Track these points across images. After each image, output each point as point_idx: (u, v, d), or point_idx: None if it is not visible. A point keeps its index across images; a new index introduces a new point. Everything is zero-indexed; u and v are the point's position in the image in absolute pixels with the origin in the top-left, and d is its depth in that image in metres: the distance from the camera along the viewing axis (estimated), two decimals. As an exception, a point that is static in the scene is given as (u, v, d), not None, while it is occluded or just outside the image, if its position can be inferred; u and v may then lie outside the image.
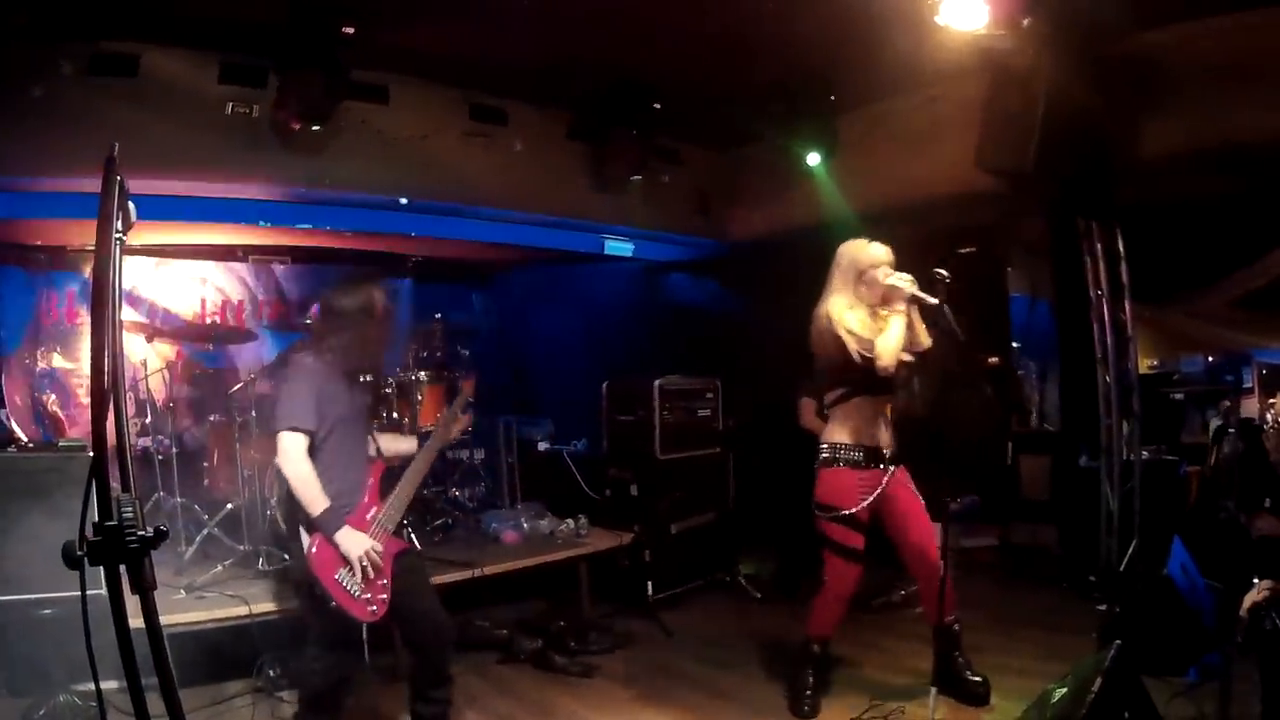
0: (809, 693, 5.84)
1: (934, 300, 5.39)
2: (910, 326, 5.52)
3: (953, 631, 5.77)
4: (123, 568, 2.21)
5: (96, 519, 2.21)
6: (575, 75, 8.52)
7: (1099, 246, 7.64)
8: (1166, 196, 7.98)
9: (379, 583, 4.95)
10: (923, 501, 5.76)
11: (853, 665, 6.52)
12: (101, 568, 2.20)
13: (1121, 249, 7.68)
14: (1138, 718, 4.08)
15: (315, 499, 4.80)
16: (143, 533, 2.22)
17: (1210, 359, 9.97)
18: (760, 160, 10.28)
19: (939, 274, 5.34)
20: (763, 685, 6.42)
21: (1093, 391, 7.95)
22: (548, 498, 9.10)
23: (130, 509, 2.21)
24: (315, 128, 7.53)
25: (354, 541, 4.83)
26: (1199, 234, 8.31)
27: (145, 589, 2.22)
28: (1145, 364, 9.05)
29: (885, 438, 5.73)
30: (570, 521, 8.49)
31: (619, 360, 9.78)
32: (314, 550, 4.80)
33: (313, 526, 4.83)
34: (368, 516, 5.03)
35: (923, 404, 6.69)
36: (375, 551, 4.88)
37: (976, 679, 5.73)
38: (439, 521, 8.53)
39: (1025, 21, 6.24)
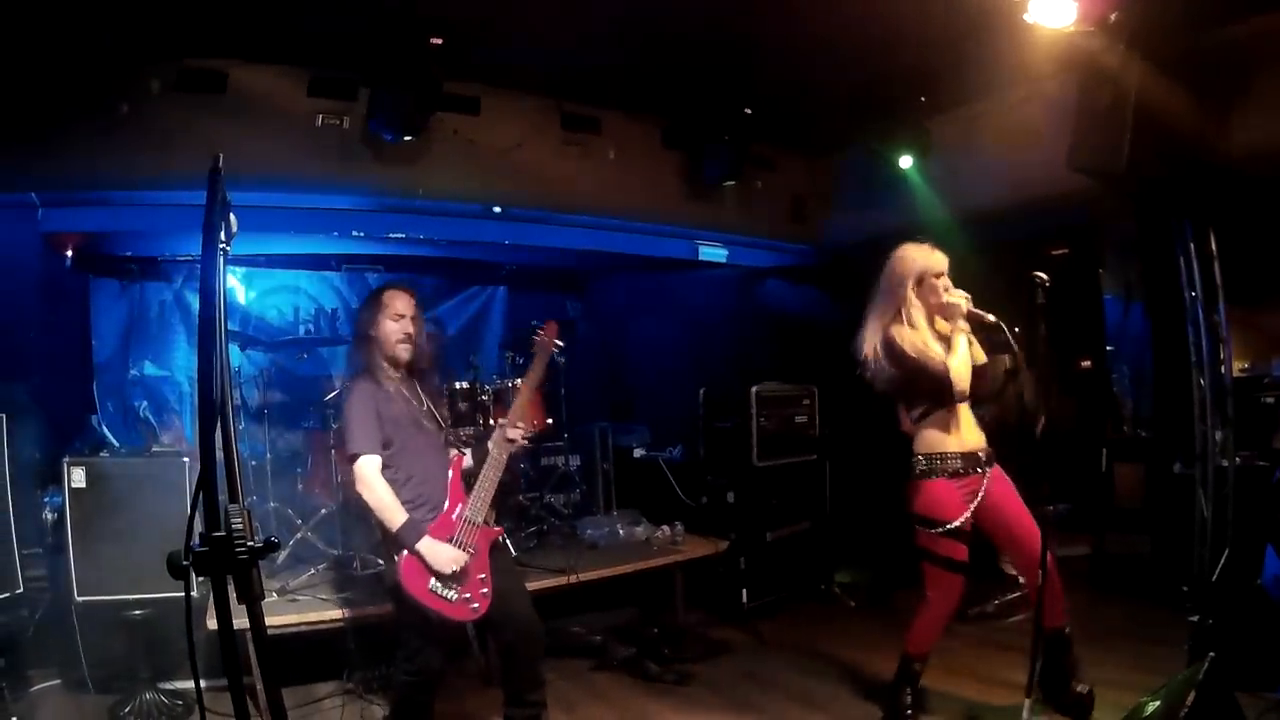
0: (907, 710, 5.66)
1: (991, 318, 5.32)
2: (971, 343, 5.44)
3: (1064, 636, 5.55)
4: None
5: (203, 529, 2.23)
6: (667, 82, 8.48)
7: (1192, 247, 7.49)
8: (1260, 193, 7.81)
9: (477, 577, 4.98)
10: (1019, 498, 5.57)
11: (948, 679, 6.30)
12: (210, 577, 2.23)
13: (1215, 249, 7.53)
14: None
15: (393, 517, 4.87)
16: (251, 543, 2.23)
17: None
18: (854, 165, 10.18)
19: (1039, 278, 5.19)
20: (857, 697, 6.33)
21: (1187, 396, 7.78)
22: (643, 505, 9.04)
23: (239, 519, 2.22)
24: (407, 138, 7.58)
25: (435, 552, 4.86)
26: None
27: (252, 599, 2.23)
28: (1237, 367, 8.84)
29: (978, 439, 5.55)
30: (665, 528, 8.42)
31: (715, 367, 9.72)
32: (402, 566, 4.84)
33: (399, 542, 4.87)
34: (454, 516, 5.04)
35: (1017, 412, 6.61)
36: (460, 559, 4.90)
37: (1082, 689, 5.51)
38: (534, 528, 8.49)
39: (1113, 16, 6.13)
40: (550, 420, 8.61)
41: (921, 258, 5.51)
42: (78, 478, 5.86)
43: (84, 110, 6.74)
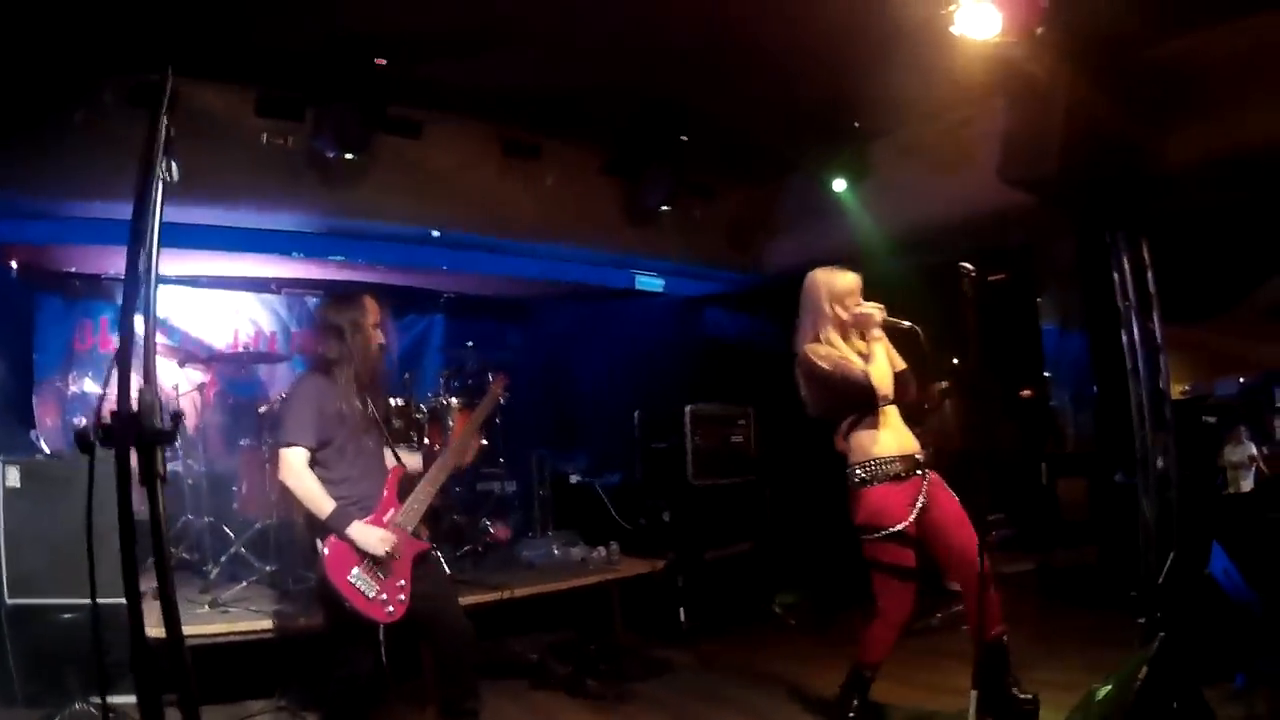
0: (852, 716, 5.62)
1: (906, 324, 5.45)
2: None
3: (1000, 645, 5.53)
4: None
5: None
6: (607, 110, 8.54)
7: (1125, 258, 7.60)
8: (1194, 207, 7.95)
9: (397, 583, 4.92)
10: (960, 505, 5.58)
11: (894, 689, 6.14)
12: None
13: (1148, 259, 7.64)
14: (1186, 708, 3.99)
15: (321, 504, 4.82)
16: (159, 424, 2.20)
17: (1242, 380, 9.88)
18: (793, 192, 10.29)
19: (964, 268, 5.27)
20: (802, 711, 6.28)
21: (1126, 408, 7.88)
22: (580, 528, 9.04)
23: (150, 399, 2.19)
24: (350, 157, 7.57)
25: (365, 534, 4.82)
26: (1227, 247, 8.28)
27: (154, 477, 2.20)
28: (1178, 389, 8.96)
29: (913, 443, 5.59)
30: (602, 549, 8.41)
31: (655, 394, 9.73)
32: (326, 553, 4.80)
33: (325, 531, 4.83)
34: (385, 518, 5.01)
35: (957, 432, 6.65)
36: (389, 539, 4.87)
37: (1025, 697, 5.50)
38: (469, 548, 8.47)
39: (1039, 30, 6.22)
40: (485, 442, 8.57)
41: (830, 278, 5.66)
42: (12, 478, 5.80)
43: (36, 119, 6.71)
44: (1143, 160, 6.90)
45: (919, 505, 5.40)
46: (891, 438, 5.51)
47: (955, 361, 5.73)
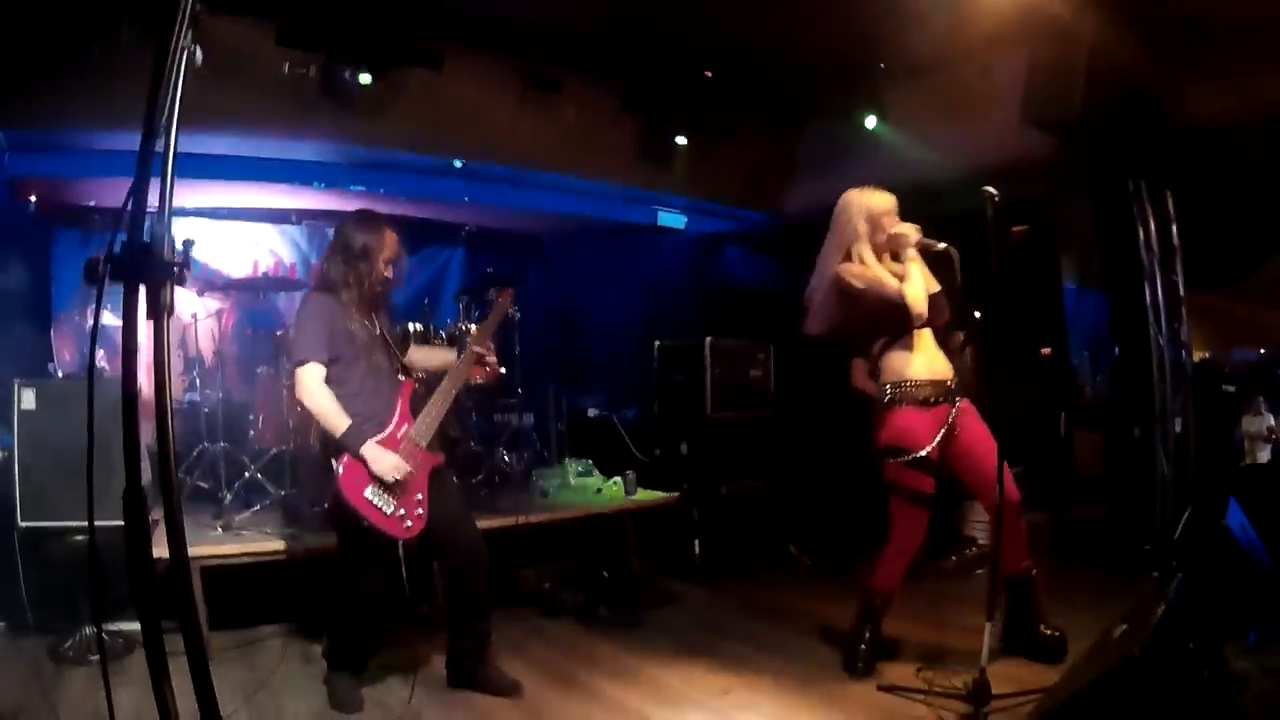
0: (864, 648, 5.56)
1: (941, 246, 5.31)
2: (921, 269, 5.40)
3: (1028, 579, 5.54)
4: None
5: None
6: (628, 45, 8.53)
7: (1149, 209, 7.56)
8: (1213, 166, 7.87)
9: (414, 498, 4.96)
10: (990, 435, 5.49)
11: (907, 626, 6.13)
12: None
13: (1173, 212, 7.59)
14: (1201, 649, 3.98)
15: (336, 422, 4.83)
16: (170, 258, 2.21)
17: (1263, 351, 9.84)
18: (813, 135, 10.29)
19: (988, 191, 5.11)
20: (815, 643, 6.24)
21: (1145, 365, 7.84)
22: (596, 460, 9.00)
23: (163, 233, 2.20)
24: (368, 81, 7.59)
25: (379, 457, 4.83)
26: (1247, 210, 8.19)
27: (161, 312, 2.20)
28: (1196, 356, 8.90)
29: (945, 368, 5.48)
30: (618, 479, 8.37)
31: (672, 331, 9.68)
32: (341, 471, 4.81)
33: (340, 449, 4.84)
34: (399, 434, 5.02)
35: (974, 385, 6.64)
36: (402, 468, 4.88)
37: (1051, 633, 5.50)
38: (484, 476, 8.48)
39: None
40: (504, 370, 8.59)
41: (867, 197, 5.50)
42: (28, 400, 5.80)
43: (55, 52, 6.70)
44: (1165, 111, 6.87)
45: (944, 432, 5.32)
46: (924, 361, 5.41)
47: (977, 315, 5.61)
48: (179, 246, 2.26)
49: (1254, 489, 6.21)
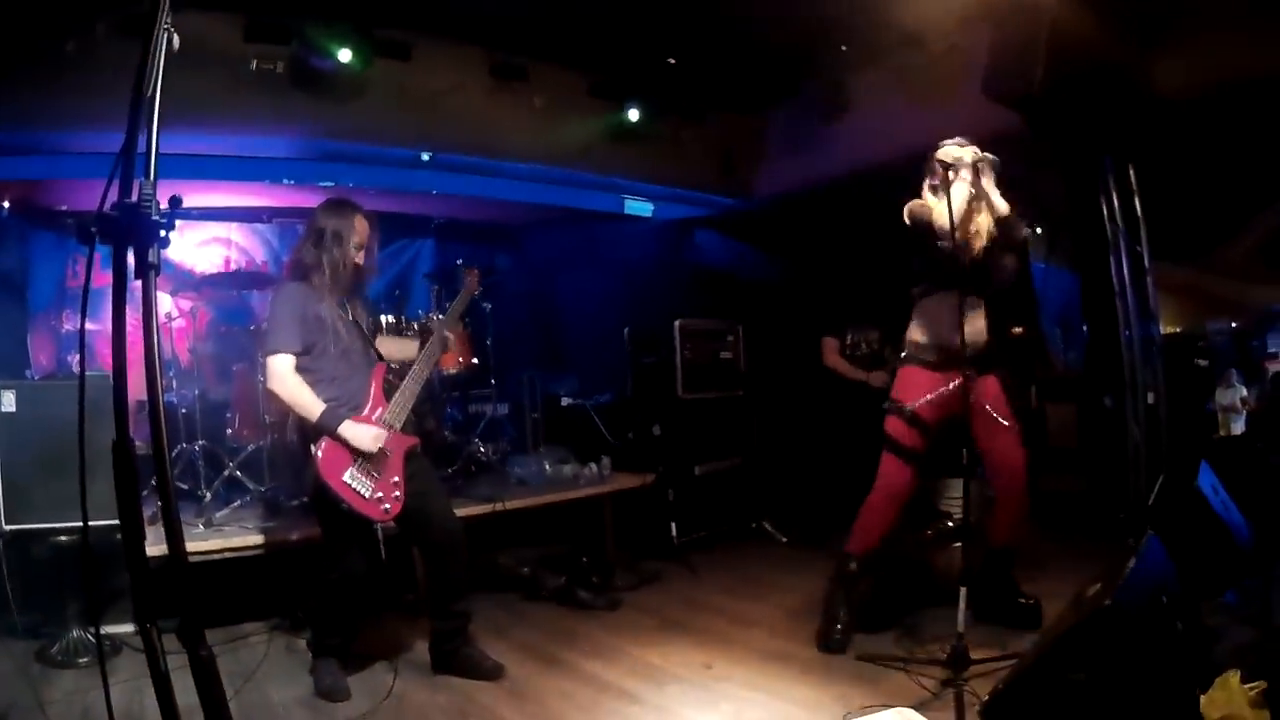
0: (839, 626, 5.59)
1: (993, 156, 5.30)
2: (982, 196, 5.34)
3: (1009, 554, 5.68)
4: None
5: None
6: (593, 32, 8.55)
7: (1112, 181, 7.62)
8: (1180, 137, 7.93)
9: (391, 480, 5.02)
10: (1014, 418, 5.60)
11: (883, 603, 6.18)
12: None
13: (1134, 183, 7.65)
14: (1174, 603, 4.03)
15: (310, 407, 4.90)
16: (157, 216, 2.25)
17: (1235, 325, 9.92)
18: (781, 118, 10.35)
19: (989, 158, 5.28)
20: (794, 615, 6.34)
21: (1115, 338, 7.91)
22: (572, 446, 9.02)
23: (150, 193, 2.24)
24: (338, 76, 7.65)
25: (359, 432, 4.91)
26: (1215, 182, 8.26)
27: (149, 269, 2.24)
28: (1169, 330, 8.97)
29: (971, 336, 5.21)
30: (593, 465, 8.44)
31: (644, 315, 9.72)
32: (320, 455, 4.86)
33: (318, 433, 4.89)
34: (374, 418, 5.08)
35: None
36: (381, 437, 4.97)
37: (1026, 601, 5.62)
38: (460, 467, 8.51)
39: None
40: (475, 360, 8.63)
41: (950, 152, 5.33)
42: (7, 401, 5.76)
43: (28, 51, 6.72)
44: (1129, 84, 6.90)
45: (942, 393, 5.43)
46: (947, 325, 5.27)
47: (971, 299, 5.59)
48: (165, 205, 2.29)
49: (1227, 458, 6.30)
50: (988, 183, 5.34)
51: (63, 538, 5.79)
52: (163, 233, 2.26)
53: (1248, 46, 6.60)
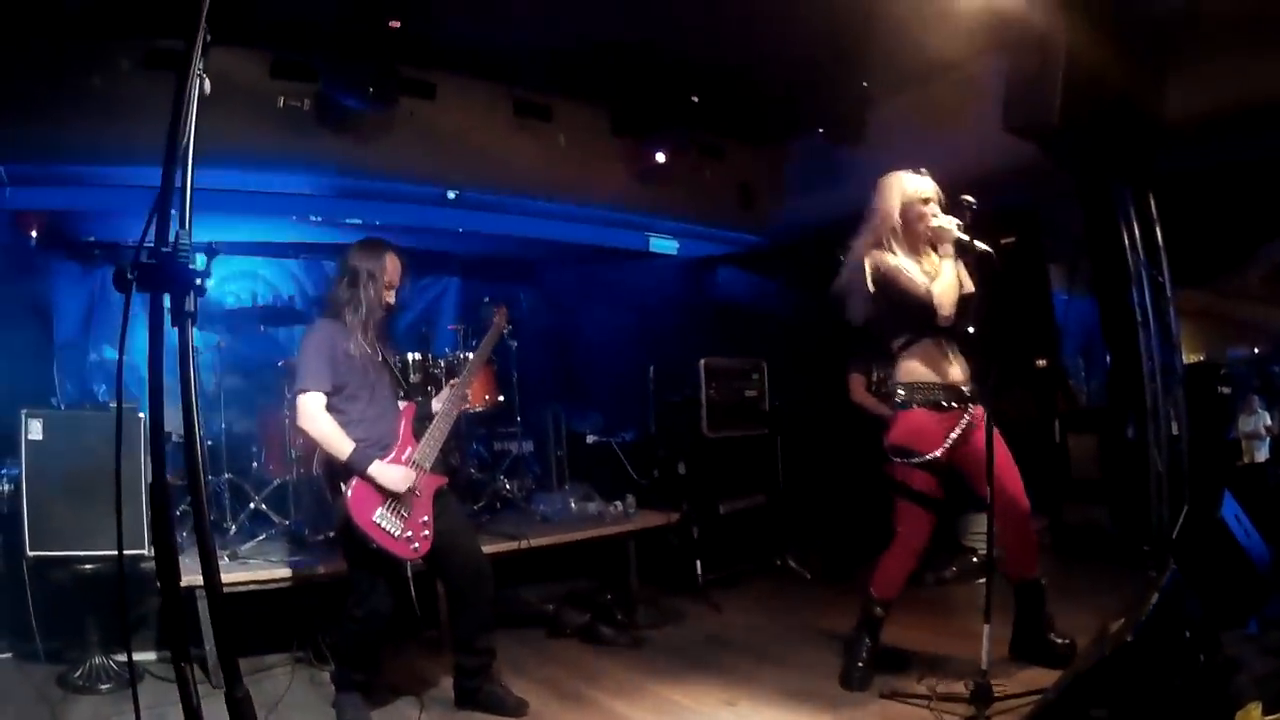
0: (861, 665, 5.53)
1: (981, 246, 5.10)
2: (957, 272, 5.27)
3: (1037, 587, 5.56)
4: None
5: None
6: (616, 70, 8.63)
7: (1132, 213, 7.61)
8: (1196, 162, 7.93)
9: (420, 519, 5.06)
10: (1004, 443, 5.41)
11: (905, 634, 6.14)
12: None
13: (1155, 212, 7.64)
14: (1197, 635, 4.02)
15: (341, 446, 4.93)
16: (192, 266, 2.29)
17: (1258, 350, 9.88)
18: (801, 153, 10.40)
19: (966, 201, 5.15)
20: (818, 653, 6.24)
21: (1138, 366, 7.89)
22: (596, 484, 9.04)
23: (186, 243, 2.27)
24: (364, 113, 7.72)
25: (389, 473, 4.95)
26: (1232, 206, 8.24)
27: (185, 318, 2.28)
28: (1191, 358, 8.94)
29: (961, 374, 5.39)
30: (618, 503, 8.43)
31: (668, 353, 9.75)
32: (350, 494, 4.89)
33: (348, 473, 4.93)
34: (403, 457, 5.12)
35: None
36: (411, 478, 5.01)
37: (1061, 640, 5.50)
38: (486, 503, 8.57)
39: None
40: (501, 398, 8.67)
41: (907, 181, 5.41)
42: (35, 430, 5.80)
43: (54, 84, 6.80)
44: (1145, 110, 6.91)
45: (954, 437, 5.28)
46: (942, 364, 5.36)
47: (970, 330, 5.56)
48: (201, 257, 2.33)
49: (1251, 487, 6.26)
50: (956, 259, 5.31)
51: (86, 566, 5.83)
52: (199, 281, 2.29)
53: (1262, 72, 6.63)
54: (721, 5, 7.36)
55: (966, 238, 5.14)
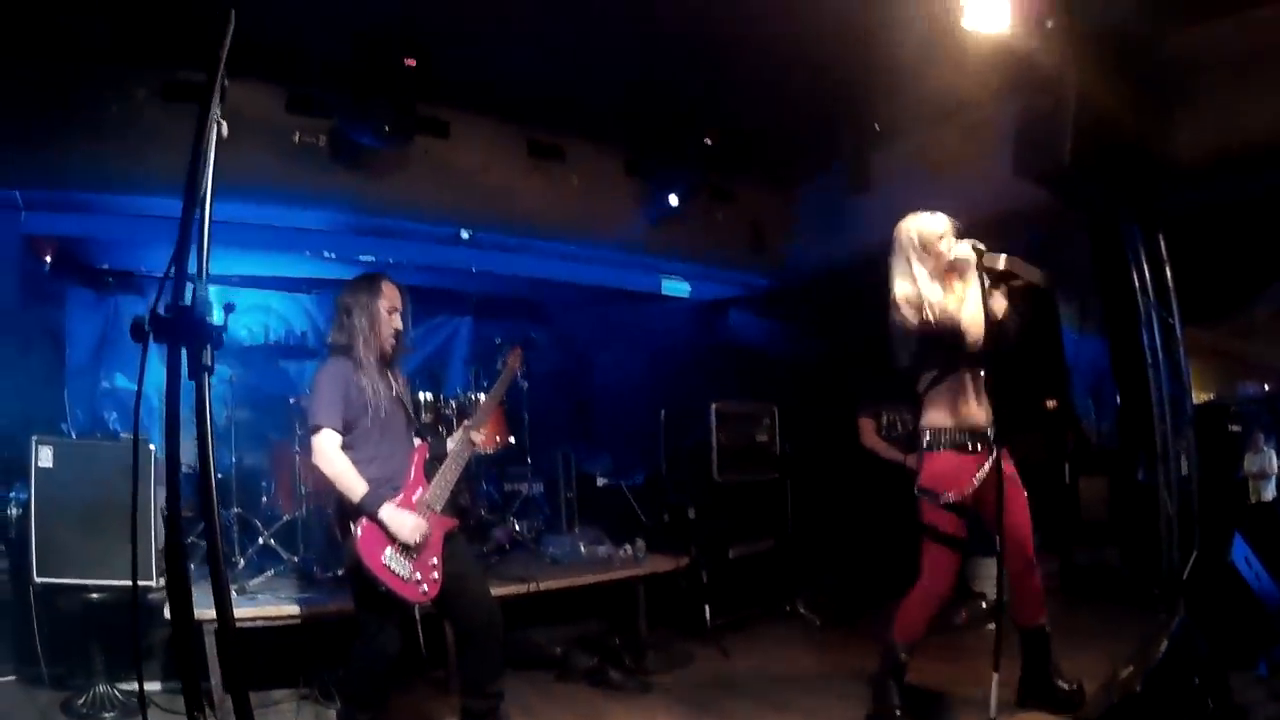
0: (898, 712, 5.48)
1: (1001, 265, 5.16)
2: (983, 296, 5.23)
3: (1042, 633, 5.48)
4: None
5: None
6: (629, 112, 8.68)
7: (1142, 253, 7.61)
8: (1204, 202, 7.94)
9: (429, 562, 5.00)
10: (1023, 489, 5.44)
11: (916, 677, 5.88)
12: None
13: (1165, 253, 7.64)
14: (1206, 684, 3.99)
15: (354, 487, 4.88)
16: (210, 320, 2.29)
17: (1268, 387, 9.85)
18: (812, 195, 10.45)
19: (975, 246, 5.15)
20: (826, 699, 6.21)
21: (1147, 407, 7.86)
22: (606, 527, 9.05)
23: (204, 294, 2.27)
24: (379, 151, 7.73)
25: (398, 520, 4.89)
26: (1241, 244, 8.25)
27: (202, 371, 2.28)
28: (1200, 397, 8.91)
29: (985, 416, 5.39)
30: (628, 546, 8.38)
31: (678, 395, 9.75)
32: (360, 534, 4.86)
33: (358, 513, 4.89)
34: (414, 498, 5.08)
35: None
36: (422, 528, 4.95)
37: (1068, 686, 5.42)
38: (495, 545, 8.50)
39: (1049, 23, 6.26)
40: (513, 439, 8.66)
41: (918, 222, 5.46)
42: (45, 457, 5.81)
43: (71, 111, 6.87)
44: (1153, 152, 6.92)
45: (980, 478, 5.23)
46: (967, 406, 5.37)
47: (982, 374, 5.56)
48: (219, 312, 2.34)
49: (1261, 526, 6.23)
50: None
51: (93, 595, 5.86)
52: (216, 336, 2.30)
53: (1269, 111, 6.65)
54: (734, 50, 7.39)
55: (988, 260, 5.17)
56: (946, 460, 5.35)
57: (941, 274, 5.38)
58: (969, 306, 5.19)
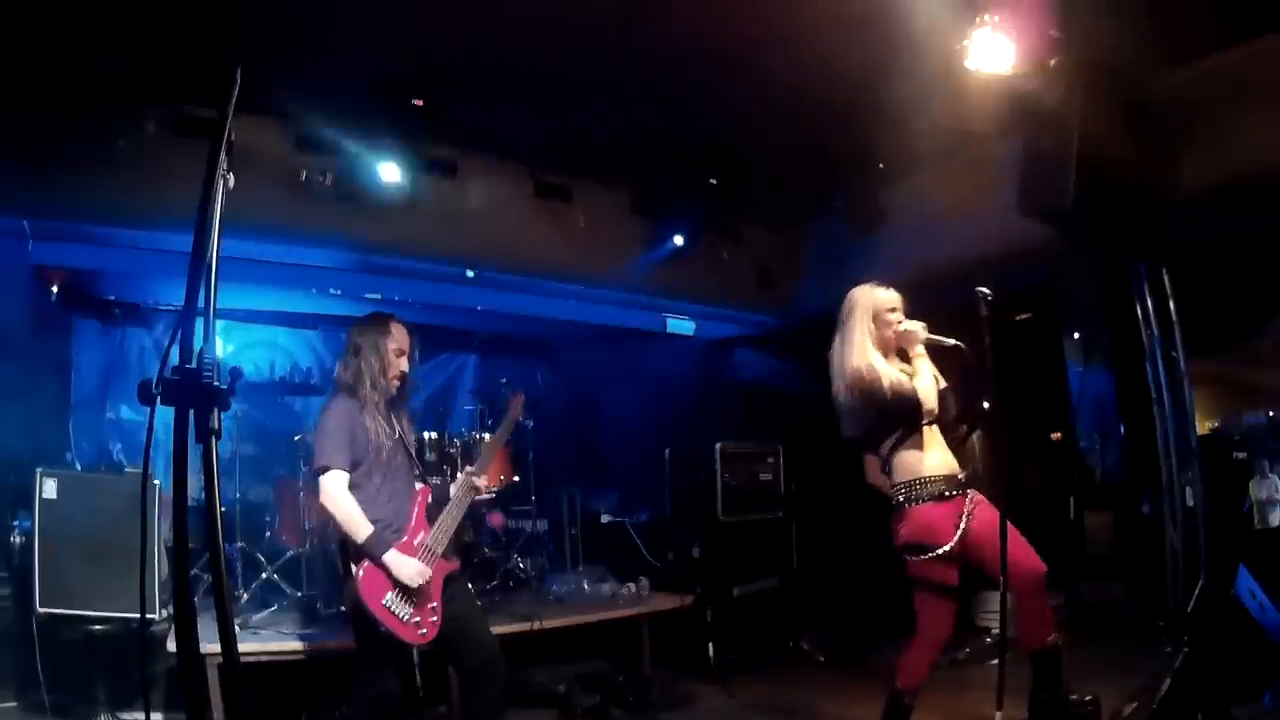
0: None
1: (950, 341, 5.33)
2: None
3: (1054, 653, 5.39)
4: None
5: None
6: (636, 153, 8.71)
7: (1147, 289, 7.62)
8: (1209, 235, 7.97)
9: (428, 605, 5.00)
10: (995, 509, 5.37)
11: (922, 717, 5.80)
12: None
13: (1169, 287, 7.65)
14: (1210, 715, 3.98)
15: (359, 528, 4.88)
16: (217, 383, 2.29)
17: (1272, 414, 9.82)
18: (818, 234, 10.52)
19: (981, 292, 5.23)
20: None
21: (1153, 441, 7.85)
22: (610, 565, 9.02)
23: (210, 360, 2.28)
24: (386, 190, 7.75)
25: (401, 564, 4.89)
26: (1246, 275, 8.27)
27: (209, 435, 2.27)
28: (1205, 425, 8.90)
29: (954, 463, 5.44)
30: (632, 585, 8.40)
31: (683, 434, 9.76)
32: (361, 576, 4.86)
33: (360, 555, 4.90)
34: (415, 542, 5.08)
35: (984, 472, 6.61)
36: (425, 573, 4.95)
37: (1086, 699, 5.35)
38: (498, 583, 8.51)
39: (1052, 62, 6.30)
40: (516, 478, 8.67)
41: (871, 294, 5.53)
42: (49, 489, 5.85)
43: (81, 143, 6.89)
44: (1157, 186, 6.95)
45: (963, 524, 5.25)
46: (934, 457, 5.38)
47: (985, 406, 5.59)
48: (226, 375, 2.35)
49: (1267, 553, 6.22)
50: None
51: (96, 626, 5.88)
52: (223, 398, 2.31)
53: (1265, 143, 6.69)
54: (740, 90, 7.43)
55: (934, 336, 5.38)
56: (927, 512, 5.33)
57: (887, 346, 5.47)
58: (923, 380, 5.34)
